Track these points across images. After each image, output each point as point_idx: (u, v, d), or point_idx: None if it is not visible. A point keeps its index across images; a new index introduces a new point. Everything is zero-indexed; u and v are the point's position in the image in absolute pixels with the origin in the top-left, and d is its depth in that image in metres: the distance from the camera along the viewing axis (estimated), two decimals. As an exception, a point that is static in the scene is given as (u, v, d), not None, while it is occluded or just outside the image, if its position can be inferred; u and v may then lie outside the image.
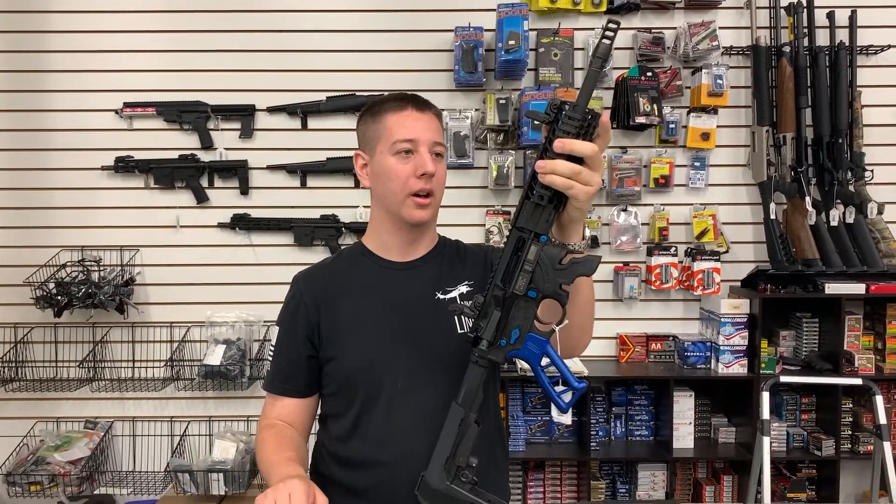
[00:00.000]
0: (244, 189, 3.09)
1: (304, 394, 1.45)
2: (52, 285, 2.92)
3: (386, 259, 1.46)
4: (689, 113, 3.07)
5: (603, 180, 3.03)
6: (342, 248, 1.57)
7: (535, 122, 2.85)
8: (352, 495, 1.38)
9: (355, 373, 1.38)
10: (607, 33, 1.06)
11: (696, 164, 3.10)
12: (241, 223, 3.08)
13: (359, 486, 1.37)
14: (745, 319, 2.95)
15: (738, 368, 2.95)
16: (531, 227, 1.10)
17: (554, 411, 2.97)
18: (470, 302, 1.17)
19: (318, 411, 1.50)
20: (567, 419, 2.96)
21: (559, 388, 1.16)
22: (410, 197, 1.37)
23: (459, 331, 1.37)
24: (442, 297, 1.41)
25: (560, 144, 1.05)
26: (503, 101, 2.97)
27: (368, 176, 1.45)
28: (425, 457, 1.17)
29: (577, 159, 1.06)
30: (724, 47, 3.04)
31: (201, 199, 3.08)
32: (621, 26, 3.08)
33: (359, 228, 3.07)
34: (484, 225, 3.04)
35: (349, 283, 1.45)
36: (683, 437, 3.01)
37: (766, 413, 2.61)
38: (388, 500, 1.31)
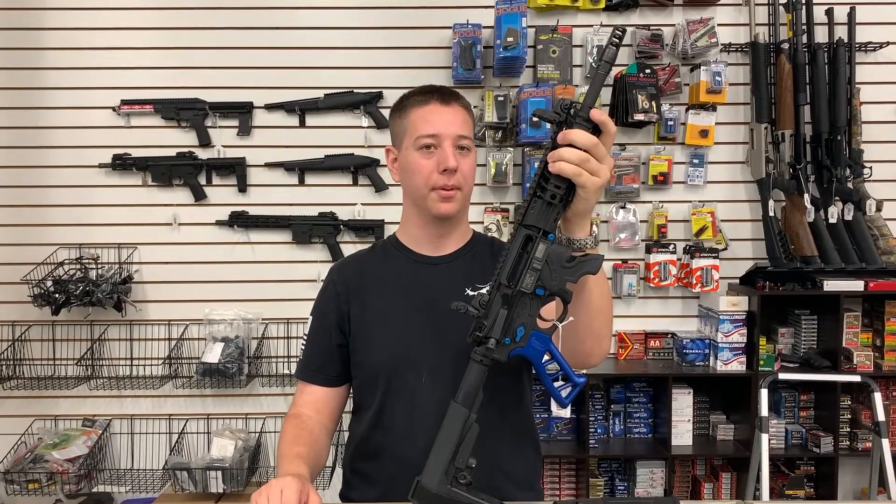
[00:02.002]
0: (242, 187, 3.08)
1: (334, 383, 1.47)
2: (49, 283, 2.91)
3: (417, 253, 1.47)
4: (687, 110, 3.07)
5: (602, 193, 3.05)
6: (380, 240, 1.59)
7: (536, 120, 2.84)
8: (374, 487, 1.41)
9: (381, 365, 1.40)
10: (614, 40, 1.08)
11: (695, 161, 3.10)
12: (239, 221, 3.07)
13: (381, 478, 1.40)
14: (744, 317, 2.95)
15: (737, 366, 2.95)
16: (540, 225, 1.11)
17: (553, 406, 2.98)
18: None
19: (351, 402, 1.52)
20: (567, 412, 2.97)
21: (558, 383, 1.16)
22: (434, 191, 1.37)
23: None
24: (472, 293, 1.40)
25: (562, 136, 1.07)
26: (501, 99, 2.97)
27: (398, 171, 1.46)
28: None
29: None
30: (722, 44, 3.03)
31: (199, 196, 3.08)
32: (620, 23, 3.10)
33: (357, 226, 3.07)
34: (482, 222, 3.04)
35: (380, 275, 1.47)
36: (682, 434, 3.02)
37: (764, 410, 2.61)
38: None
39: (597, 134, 1.09)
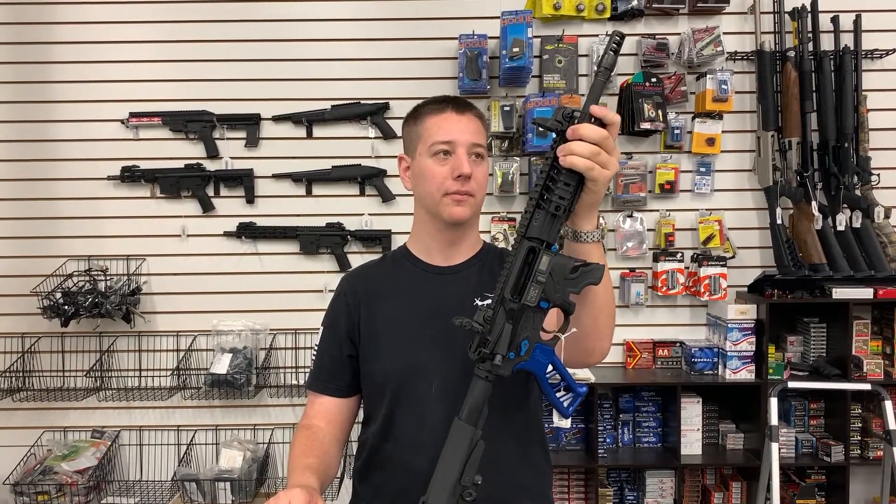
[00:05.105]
0: (250, 198, 3.09)
1: (345, 393, 1.47)
2: (58, 295, 2.92)
3: (427, 263, 1.47)
4: (693, 118, 3.07)
5: (608, 186, 3.05)
6: (390, 250, 1.59)
7: (542, 130, 2.85)
8: (383, 497, 1.41)
9: (390, 375, 1.39)
10: (612, 45, 1.08)
11: (702, 169, 3.09)
12: (247, 232, 3.08)
13: (390, 489, 1.39)
14: (753, 325, 2.94)
15: (746, 374, 2.94)
16: (544, 237, 1.10)
17: (555, 417, 2.97)
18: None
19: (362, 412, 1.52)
20: (567, 423, 2.96)
21: (560, 394, 1.16)
22: (447, 196, 1.37)
23: None
24: (481, 303, 1.39)
25: (572, 131, 1.07)
26: (507, 108, 2.97)
27: (410, 178, 1.47)
28: None
29: None
30: (728, 52, 3.03)
31: (207, 208, 3.09)
32: (626, 33, 3.09)
33: (364, 237, 3.07)
34: (489, 231, 3.04)
35: (390, 285, 1.47)
36: (691, 443, 3.00)
37: (774, 419, 2.59)
38: None
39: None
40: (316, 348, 1.52)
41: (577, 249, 1.17)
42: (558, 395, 1.16)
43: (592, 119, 1.10)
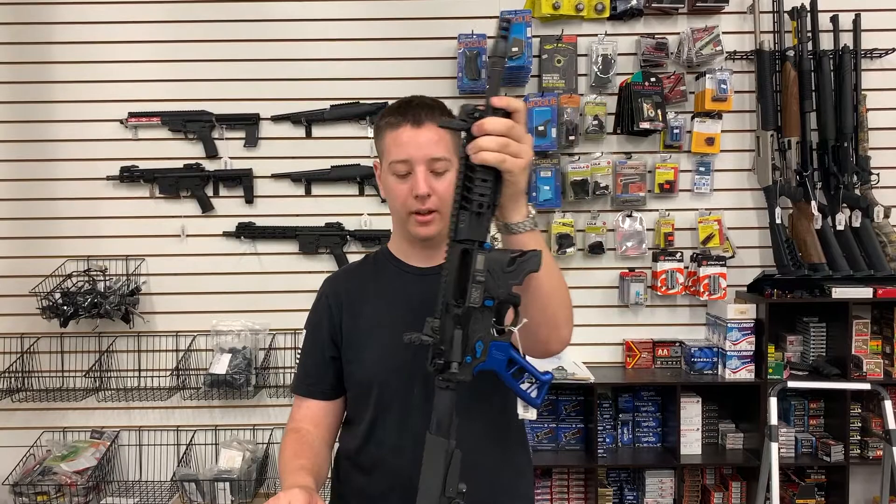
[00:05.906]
0: (249, 198, 3.09)
1: (330, 396, 1.46)
2: (57, 295, 2.92)
3: (408, 264, 1.45)
4: (693, 118, 3.06)
5: (608, 186, 3.05)
6: (372, 252, 1.57)
7: (542, 129, 2.84)
8: (368, 500, 1.39)
9: (372, 377, 1.38)
10: (501, 32, 1.06)
11: (701, 168, 3.09)
12: (246, 232, 3.08)
13: (374, 492, 1.38)
14: (752, 325, 2.94)
15: (746, 374, 2.93)
16: (474, 237, 1.08)
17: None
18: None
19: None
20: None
21: (525, 385, 1.15)
22: (411, 215, 1.35)
23: None
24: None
25: (476, 127, 1.05)
26: (507, 108, 2.96)
27: (382, 187, 1.45)
28: None
29: None
30: (727, 52, 3.03)
31: (206, 208, 3.09)
32: (625, 32, 3.11)
33: (364, 236, 3.07)
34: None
35: (372, 287, 1.45)
36: (691, 443, 3.00)
37: (773, 419, 2.59)
38: None
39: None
40: (300, 351, 1.50)
41: (512, 241, 1.15)
42: (523, 386, 1.15)
43: (496, 111, 1.07)
